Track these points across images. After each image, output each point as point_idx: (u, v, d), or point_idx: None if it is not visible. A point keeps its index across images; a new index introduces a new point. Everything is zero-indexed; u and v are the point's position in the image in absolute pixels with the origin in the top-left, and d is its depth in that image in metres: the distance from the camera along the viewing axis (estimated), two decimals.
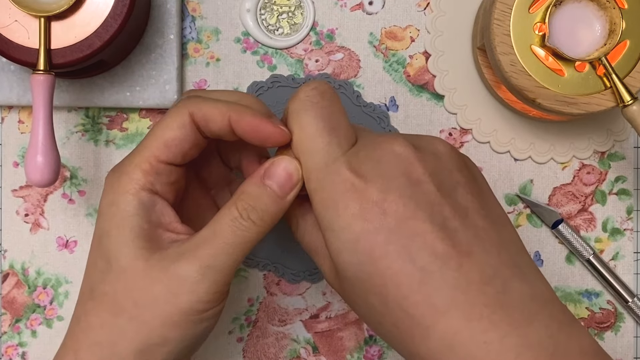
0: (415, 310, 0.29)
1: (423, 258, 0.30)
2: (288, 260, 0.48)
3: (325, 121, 0.32)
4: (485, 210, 0.32)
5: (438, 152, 0.33)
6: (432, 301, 0.29)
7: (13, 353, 0.48)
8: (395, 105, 0.48)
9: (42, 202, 0.48)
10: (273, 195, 0.33)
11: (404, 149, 0.32)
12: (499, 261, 0.30)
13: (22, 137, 0.48)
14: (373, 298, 0.31)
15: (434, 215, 0.30)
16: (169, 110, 0.35)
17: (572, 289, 0.49)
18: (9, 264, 0.48)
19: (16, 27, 0.41)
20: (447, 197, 0.31)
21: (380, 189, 0.30)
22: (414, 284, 0.29)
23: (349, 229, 0.31)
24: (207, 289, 0.32)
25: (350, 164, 0.31)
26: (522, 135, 0.48)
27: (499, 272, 0.30)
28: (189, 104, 0.34)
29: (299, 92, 0.34)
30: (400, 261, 0.30)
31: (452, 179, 0.32)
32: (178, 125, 0.34)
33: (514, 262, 0.31)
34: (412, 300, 0.29)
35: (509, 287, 0.30)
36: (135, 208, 0.33)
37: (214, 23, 0.48)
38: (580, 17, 0.42)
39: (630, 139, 0.49)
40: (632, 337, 0.49)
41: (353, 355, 0.49)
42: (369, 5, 0.48)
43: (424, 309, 0.29)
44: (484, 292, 0.29)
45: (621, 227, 0.49)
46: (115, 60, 0.46)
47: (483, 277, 0.30)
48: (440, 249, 0.30)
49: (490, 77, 0.47)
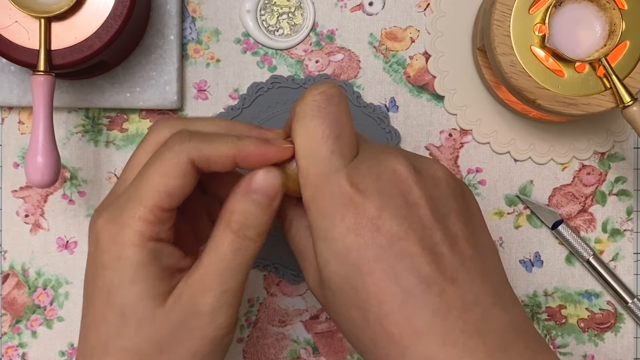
0: (394, 329, 0.30)
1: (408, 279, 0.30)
2: (288, 260, 0.48)
3: (330, 128, 0.32)
4: (474, 238, 0.32)
5: (436, 177, 0.33)
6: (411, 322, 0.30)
7: (13, 354, 0.48)
8: (395, 106, 0.48)
9: (42, 203, 0.48)
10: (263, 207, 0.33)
11: (405, 169, 0.32)
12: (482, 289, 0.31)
13: (22, 138, 0.48)
14: (355, 311, 0.31)
15: (424, 239, 0.31)
16: (165, 153, 0.33)
17: (572, 290, 0.49)
18: (9, 265, 0.48)
19: (16, 28, 0.41)
20: (439, 223, 0.31)
21: (377, 205, 0.31)
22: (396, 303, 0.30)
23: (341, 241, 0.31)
24: (225, 313, 0.33)
25: (351, 177, 0.32)
26: (522, 136, 0.48)
27: (480, 300, 0.31)
28: (187, 149, 0.33)
29: (306, 94, 0.33)
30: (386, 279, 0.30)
31: (446, 206, 0.32)
32: (179, 173, 0.33)
33: (496, 291, 0.32)
34: (393, 319, 0.30)
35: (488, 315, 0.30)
36: (146, 259, 0.32)
37: (214, 24, 0.48)
38: (580, 18, 0.42)
39: (630, 140, 0.49)
40: (632, 337, 0.49)
41: (353, 356, 0.49)
42: (369, 6, 0.48)
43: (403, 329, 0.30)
44: (463, 318, 0.30)
45: (621, 228, 0.49)
46: (116, 61, 0.46)
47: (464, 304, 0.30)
48: (426, 272, 0.30)
49: (490, 78, 0.47)
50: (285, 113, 0.48)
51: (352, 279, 0.31)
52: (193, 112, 0.48)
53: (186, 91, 0.48)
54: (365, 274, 0.30)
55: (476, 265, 0.31)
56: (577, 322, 0.49)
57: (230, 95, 0.48)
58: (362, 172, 0.32)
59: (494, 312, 0.31)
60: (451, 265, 0.31)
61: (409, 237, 0.30)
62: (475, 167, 0.49)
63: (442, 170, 0.33)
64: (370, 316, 0.30)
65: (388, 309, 0.30)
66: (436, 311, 0.30)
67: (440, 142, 0.48)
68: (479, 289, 0.31)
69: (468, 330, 0.30)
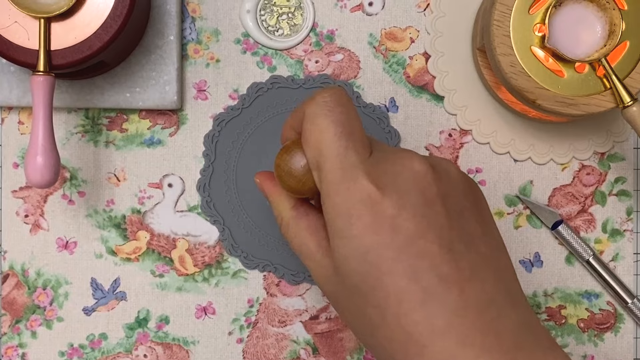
0: (413, 328, 0.30)
1: (428, 279, 0.30)
2: (288, 261, 0.48)
3: (343, 126, 0.33)
4: (487, 237, 0.33)
5: (451, 175, 0.33)
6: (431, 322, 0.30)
7: (13, 354, 0.48)
8: (395, 106, 0.48)
9: (42, 203, 0.48)
10: None
11: (424, 167, 0.32)
12: (496, 289, 0.31)
13: (22, 138, 0.48)
14: (371, 310, 0.31)
15: (442, 237, 0.31)
16: None
17: (572, 290, 0.49)
18: (9, 265, 0.48)
19: (16, 28, 0.41)
20: (454, 221, 0.32)
21: (396, 204, 0.31)
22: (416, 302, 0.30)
23: (359, 239, 0.31)
24: None
25: (369, 174, 0.32)
26: (522, 136, 0.48)
27: (495, 298, 0.31)
28: None
29: (315, 96, 0.34)
30: (405, 279, 0.30)
31: (460, 203, 0.32)
32: None
33: (508, 290, 0.32)
34: (412, 319, 0.30)
35: (502, 314, 0.31)
36: None
37: (213, 24, 0.48)
38: (580, 18, 0.42)
39: (630, 140, 0.49)
40: (632, 338, 0.49)
41: (353, 356, 0.49)
42: (369, 6, 0.48)
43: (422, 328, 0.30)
44: (480, 318, 0.30)
45: (621, 228, 0.49)
46: (115, 61, 0.46)
47: (481, 303, 0.30)
48: (446, 271, 0.30)
49: (490, 78, 0.47)
50: (285, 113, 0.48)
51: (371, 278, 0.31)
52: (193, 113, 0.48)
53: (186, 91, 0.48)
54: (384, 273, 0.30)
55: (490, 264, 0.32)
56: (577, 322, 0.49)
57: (230, 96, 0.48)
58: (380, 169, 0.32)
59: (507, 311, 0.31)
60: (468, 264, 0.31)
61: (427, 236, 0.30)
62: (475, 167, 0.49)
63: (453, 167, 0.34)
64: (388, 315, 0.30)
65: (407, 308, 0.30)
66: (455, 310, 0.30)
67: (440, 142, 0.48)
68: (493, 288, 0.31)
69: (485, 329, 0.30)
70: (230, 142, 0.48)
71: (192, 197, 0.48)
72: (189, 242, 0.48)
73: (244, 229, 0.48)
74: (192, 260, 0.48)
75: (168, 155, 0.48)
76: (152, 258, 0.48)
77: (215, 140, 0.48)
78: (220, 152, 0.48)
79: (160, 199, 0.48)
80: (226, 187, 0.48)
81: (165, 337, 0.48)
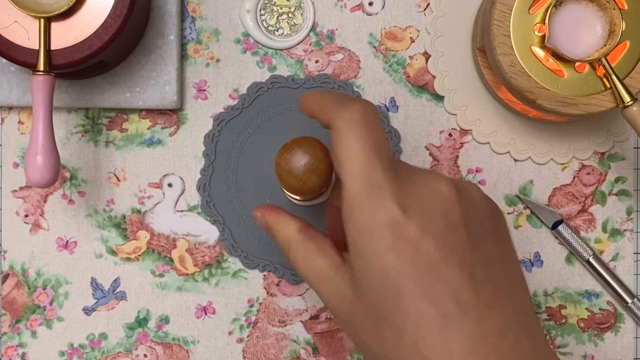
0: (429, 353, 0.30)
1: (447, 304, 0.30)
2: (288, 261, 0.48)
3: (371, 144, 0.32)
4: (506, 263, 0.33)
5: (475, 198, 0.33)
6: (448, 347, 0.30)
7: (13, 354, 0.48)
8: (395, 105, 0.48)
9: (42, 203, 0.48)
10: None
11: (448, 188, 0.32)
12: (514, 316, 0.31)
13: (22, 138, 0.48)
14: (388, 330, 0.31)
15: (464, 262, 0.31)
16: None
17: (572, 290, 0.49)
18: (9, 265, 0.48)
19: (16, 28, 0.41)
20: (476, 246, 0.31)
21: (419, 227, 0.31)
22: (434, 327, 0.30)
23: (381, 260, 0.31)
24: None
25: (394, 195, 0.31)
26: (522, 136, 0.48)
27: (512, 326, 0.31)
28: None
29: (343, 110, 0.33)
30: (425, 303, 0.30)
31: (482, 228, 0.32)
32: None
33: (525, 317, 0.32)
34: (429, 343, 0.30)
35: (519, 341, 0.31)
36: None
37: (214, 24, 0.48)
38: (580, 18, 0.42)
39: (630, 140, 0.49)
40: (632, 337, 0.49)
41: (353, 356, 0.49)
42: (369, 6, 0.48)
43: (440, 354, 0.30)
44: (498, 345, 0.30)
45: (621, 228, 0.49)
46: (115, 61, 0.46)
47: (499, 330, 0.30)
48: (465, 298, 0.30)
49: (490, 78, 0.47)
50: (285, 113, 0.48)
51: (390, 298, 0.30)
52: (193, 113, 0.48)
53: (186, 91, 0.48)
54: (404, 296, 0.30)
55: (509, 292, 0.32)
56: (577, 322, 0.49)
57: (230, 95, 0.48)
58: (405, 190, 0.32)
59: (523, 339, 0.31)
60: (488, 291, 0.31)
61: (449, 261, 0.30)
62: (475, 167, 0.49)
63: (477, 190, 0.34)
64: (405, 336, 0.30)
65: (425, 332, 0.30)
66: (473, 337, 0.30)
67: (440, 142, 0.48)
68: (511, 316, 0.31)
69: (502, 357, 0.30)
70: (230, 141, 0.48)
71: (192, 197, 0.48)
72: (189, 241, 0.48)
73: (244, 229, 0.48)
74: (192, 260, 0.48)
75: (168, 155, 0.48)
76: (152, 258, 0.48)
77: (215, 140, 0.48)
78: (220, 152, 0.48)
79: (160, 198, 0.48)
80: (226, 186, 0.48)
81: (165, 337, 0.48)
